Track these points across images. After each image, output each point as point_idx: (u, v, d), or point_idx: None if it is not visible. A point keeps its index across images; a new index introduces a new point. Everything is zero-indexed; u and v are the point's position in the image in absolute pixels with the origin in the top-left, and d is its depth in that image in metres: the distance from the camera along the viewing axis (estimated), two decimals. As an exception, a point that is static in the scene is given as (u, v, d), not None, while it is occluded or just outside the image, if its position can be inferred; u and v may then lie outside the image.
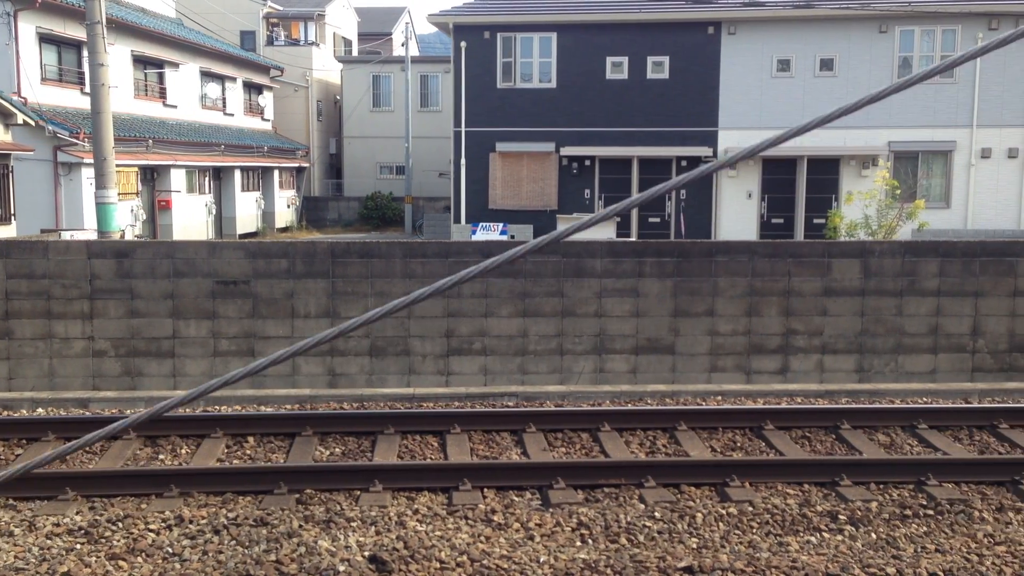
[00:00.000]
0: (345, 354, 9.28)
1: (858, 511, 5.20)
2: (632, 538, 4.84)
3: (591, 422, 6.69)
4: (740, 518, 5.12)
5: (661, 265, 9.49)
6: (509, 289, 9.40)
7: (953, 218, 22.50)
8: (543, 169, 23.58)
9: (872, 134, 22.42)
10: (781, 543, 4.85)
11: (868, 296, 9.59)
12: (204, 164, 25.69)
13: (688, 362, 9.60)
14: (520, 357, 9.48)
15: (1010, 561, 4.56)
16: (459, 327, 9.40)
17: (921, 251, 9.61)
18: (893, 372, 9.67)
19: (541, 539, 4.79)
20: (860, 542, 4.86)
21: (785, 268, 9.55)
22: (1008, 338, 9.63)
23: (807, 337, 9.62)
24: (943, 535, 4.92)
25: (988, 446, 6.53)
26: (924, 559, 4.57)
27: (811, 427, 6.76)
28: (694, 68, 22.77)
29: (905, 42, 22.12)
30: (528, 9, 23.33)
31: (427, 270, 9.31)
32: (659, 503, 5.28)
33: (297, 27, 36.46)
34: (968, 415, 6.90)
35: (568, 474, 5.56)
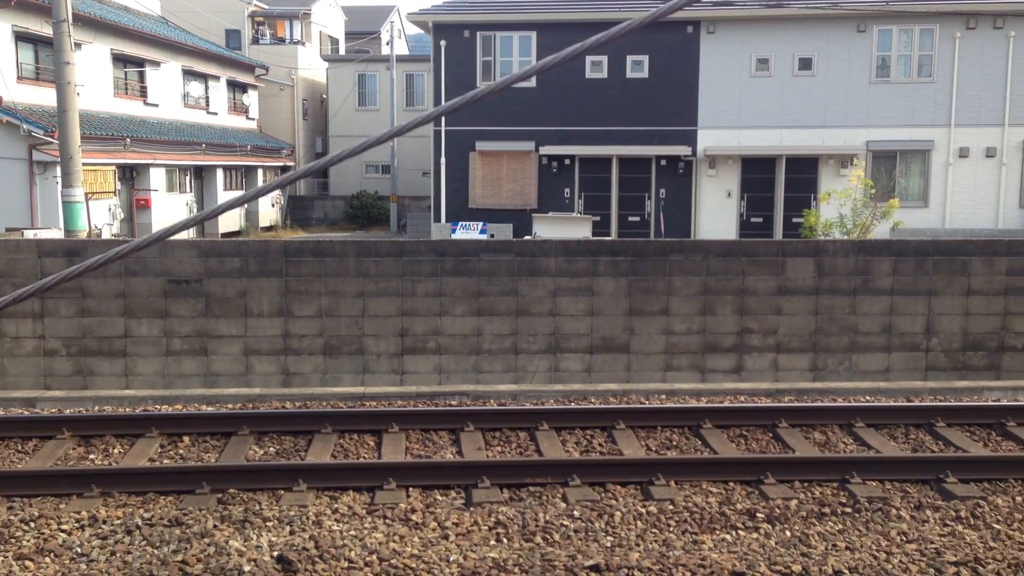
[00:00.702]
0: (299, 353, 9.28)
1: (777, 509, 5.22)
2: (547, 537, 4.86)
3: (530, 421, 6.70)
4: (659, 516, 5.14)
5: (616, 264, 9.51)
6: (463, 288, 9.41)
7: (931, 217, 22.55)
8: (523, 168, 23.58)
9: (850, 133, 22.46)
10: (696, 541, 4.86)
11: (822, 295, 9.62)
12: (185, 163, 25.66)
13: (643, 361, 9.62)
14: (474, 356, 9.49)
15: (918, 559, 4.58)
16: (413, 326, 9.41)
17: (874, 250, 9.64)
18: (847, 371, 9.70)
19: (456, 538, 4.81)
20: (774, 540, 4.88)
21: (739, 267, 9.57)
22: (961, 337, 9.67)
23: (761, 336, 9.65)
24: (856, 533, 4.94)
25: (922, 444, 6.55)
26: (832, 557, 4.59)
27: (749, 426, 6.78)
28: (674, 67, 22.80)
29: (883, 41, 22.16)
30: (508, 8, 23.34)
31: (380, 269, 9.32)
32: (580, 502, 5.30)
33: (282, 26, 36.41)
34: (906, 413, 6.93)
35: (494, 473, 5.58)
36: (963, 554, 4.61)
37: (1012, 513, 5.20)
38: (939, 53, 21.97)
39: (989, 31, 21.83)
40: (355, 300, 9.30)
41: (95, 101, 22.74)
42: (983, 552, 4.67)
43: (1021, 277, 9.61)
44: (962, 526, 5.06)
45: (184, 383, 9.06)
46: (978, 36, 21.82)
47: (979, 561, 4.53)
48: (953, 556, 4.59)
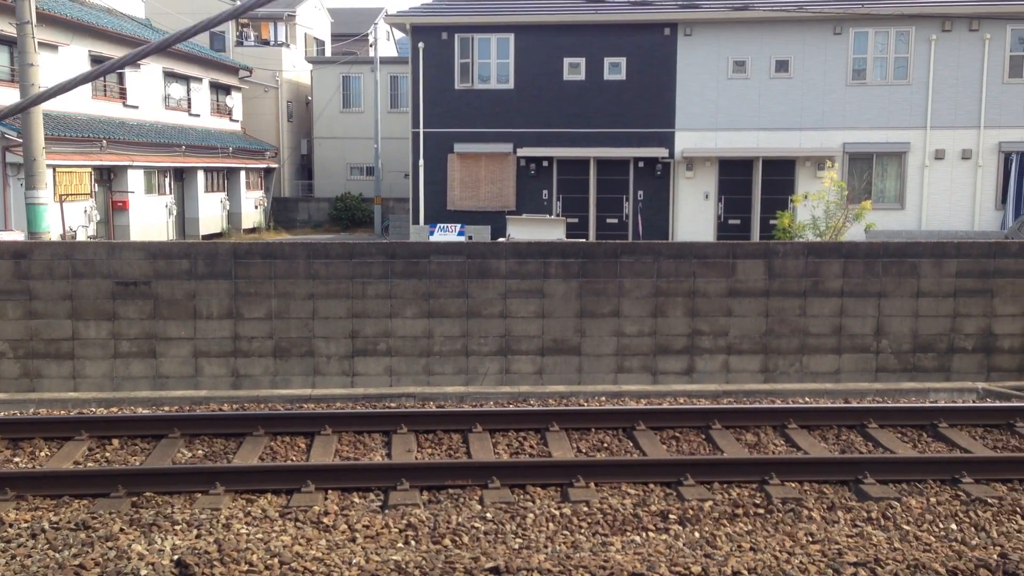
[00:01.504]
0: (249, 355, 9.28)
1: (691, 510, 5.24)
2: (456, 539, 4.87)
3: (464, 423, 6.72)
4: (572, 518, 5.15)
5: (566, 266, 9.53)
6: (414, 290, 9.42)
7: (907, 219, 22.62)
8: (501, 170, 23.61)
9: (827, 135, 22.53)
10: (605, 543, 4.88)
11: (773, 297, 9.65)
12: (164, 165, 25.63)
13: (594, 363, 9.64)
14: (425, 358, 9.50)
15: (818, 560, 4.60)
16: (364, 328, 9.42)
17: (824, 252, 9.67)
18: (798, 372, 9.73)
19: (364, 541, 4.82)
20: (682, 541, 4.90)
21: (690, 269, 9.60)
22: (911, 338, 9.70)
23: (713, 338, 9.67)
24: (764, 534, 4.96)
25: (852, 445, 6.58)
26: (734, 558, 4.61)
27: (682, 427, 6.80)
28: (651, 69, 22.84)
29: (859, 44, 22.23)
30: (486, 10, 23.36)
31: (330, 271, 9.32)
32: (496, 504, 5.31)
33: (267, 28, 36.41)
34: (840, 415, 6.95)
35: (414, 476, 5.59)
36: (864, 555, 4.63)
37: (923, 514, 5.22)
38: (915, 55, 22.05)
39: (964, 33, 21.91)
40: (305, 302, 9.31)
41: (72, 103, 22.69)
42: (887, 553, 4.69)
43: (970, 279, 9.65)
44: (872, 527, 5.08)
45: (132, 385, 9.05)
46: (953, 38, 21.91)
47: (879, 562, 4.55)
48: (854, 557, 4.61)
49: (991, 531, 5.02)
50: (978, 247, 9.70)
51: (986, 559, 4.58)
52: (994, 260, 9.64)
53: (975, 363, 9.73)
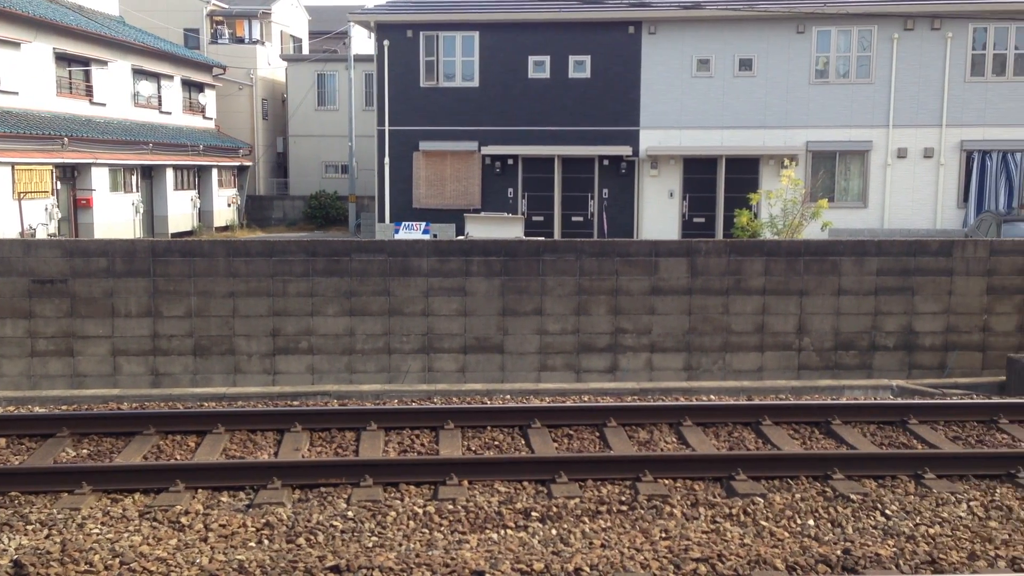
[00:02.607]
0: (168, 353, 9.28)
1: (555, 508, 5.26)
2: (311, 538, 4.87)
3: (359, 421, 6.72)
4: (434, 516, 5.16)
5: (488, 264, 9.54)
6: (335, 288, 9.43)
7: (870, 217, 22.69)
8: (466, 168, 23.60)
9: (790, 134, 22.58)
10: (460, 541, 4.89)
11: (695, 295, 9.69)
12: (131, 163, 25.54)
13: (518, 361, 9.67)
14: (348, 356, 9.51)
15: (663, 556, 4.62)
16: (285, 326, 9.42)
17: (746, 250, 9.71)
18: (721, 370, 9.77)
19: (215, 540, 4.82)
20: (537, 538, 4.91)
21: (613, 267, 9.63)
22: (833, 336, 9.75)
23: (636, 336, 9.71)
24: (620, 531, 4.98)
25: (742, 442, 6.60)
26: (581, 555, 4.63)
27: (578, 425, 6.82)
28: (615, 67, 22.85)
29: (822, 42, 22.28)
30: (450, 8, 23.34)
31: (251, 269, 9.32)
32: (362, 502, 5.32)
33: (241, 25, 36.29)
34: (735, 412, 6.97)
35: (287, 474, 5.59)
36: (709, 551, 4.66)
37: (784, 510, 5.25)
38: (877, 54, 22.11)
39: (927, 32, 21.98)
40: (225, 300, 9.30)
41: (35, 100, 22.62)
42: (735, 549, 4.72)
43: (891, 277, 9.70)
44: (730, 523, 5.10)
45: (50, 384, 9.04)
46: (916, 37, 21.97)
47: (721, 557, 4.57)
48: (699, 553, 4.63)
49: (847, 527, 5.05)
50: (898, 245, 9.76)
51: (828, 555, 4.61)
52: (914, 258, 9.69)
53: (896, 361, 9.79)
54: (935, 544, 4.78)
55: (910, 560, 4.59)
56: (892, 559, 4.59)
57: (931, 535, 4.91)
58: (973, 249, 9.67)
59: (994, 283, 9.69)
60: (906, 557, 4.61)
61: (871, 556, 4.62)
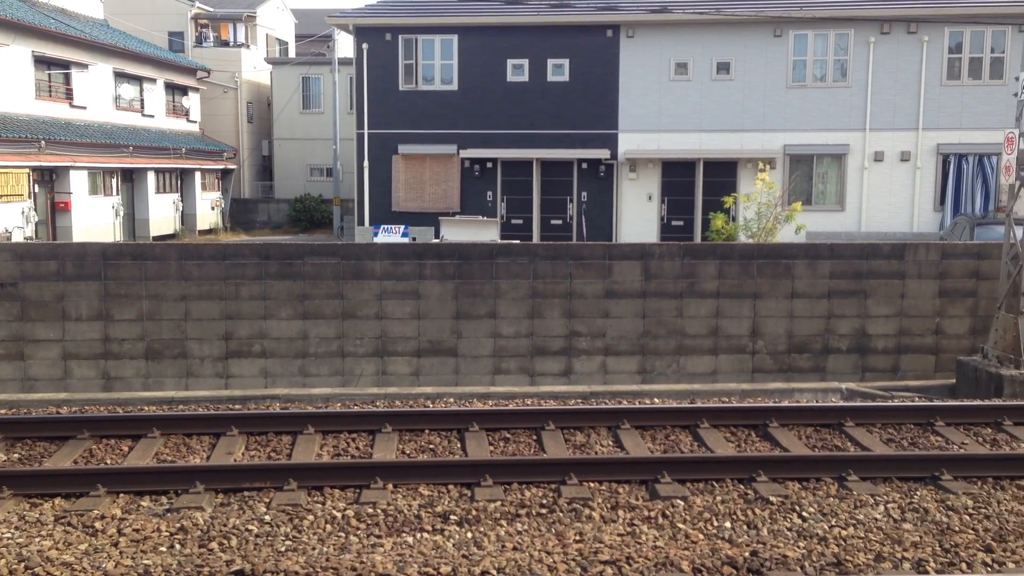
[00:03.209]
0: (120, 357, 9.27)
1: (474, 511, 5.27)
2: (224, 543, 4.87)
3: (296, 425, 6.72)
4: (352, 520, 5.17)
5: (442, 267, 9.56)
6: (288, 291, 9.43)
7: (847, 221, 22.75)
8: (446, 171, 23.62)
9: (768, 137, 22.65)
10: (375, 544, 4.90)
11: (649, 298, 9.71)
12: (111, 166, 25.52)
13: (472, 364, 9.67)
14: (301, 359, 9.51)
15: (572, 559, 4.62)
16: (238, 329, 9.42)
17: (700, 253, 9.74)
18: (675, 373, 9.79)
19: (126, 545, 4.82)
20: (452, 542, 4.92)
21: (567, 270, 9.64)
22: (787, 339, 9.78)
23: (590, 339, 9.72)
24: (535, 534, 4.99)
25: (677, 445, 6.61)
26: (490, 558, 4.63)
27: (515, 428, 6.82)
28: (594, 71, 22.91)
29: (799, 46, 22.36)
30: (429, 11, 23.38)
31: (203, 272, 9.32)
32: (282, 506, 5.32)
33: (226, 28, 36.30)
34: (674, 415, 6.99)
35: (210, 478, 5.59)
36: (619, 553, 4.67)
37: (703, 513, 5.26)
38: (854, 58, 22.19)
39: (903, 36, 22.07)
40: (177, 303, 9.30)
41: (13, 104, 22.59)
42: (646, 551, 4.73)
43: (844, 280, 9.73)
44: (647, 526, 5.12)
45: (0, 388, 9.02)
46: (892, 41, 22.06)
47: (629, 559, 4.58)
48: (608, 555, 4.64)
49: (762, 529, 5.06)
50: (851, 248, 9.79)
51: (736, 556, 4.63)
52: (867, 261, 9.73)
53: (850, 363, 9.82)
54: (845, 546, 4.80)
55: (816, 562, 4.60)
56: (798, 560, 4.61)
57: (843, 537, 4.93)
58: (925, 252, 9.71)
59: (947, 286, 9.72)
60: (812, 559, 4.63)
61: (778, 558, 4.63)
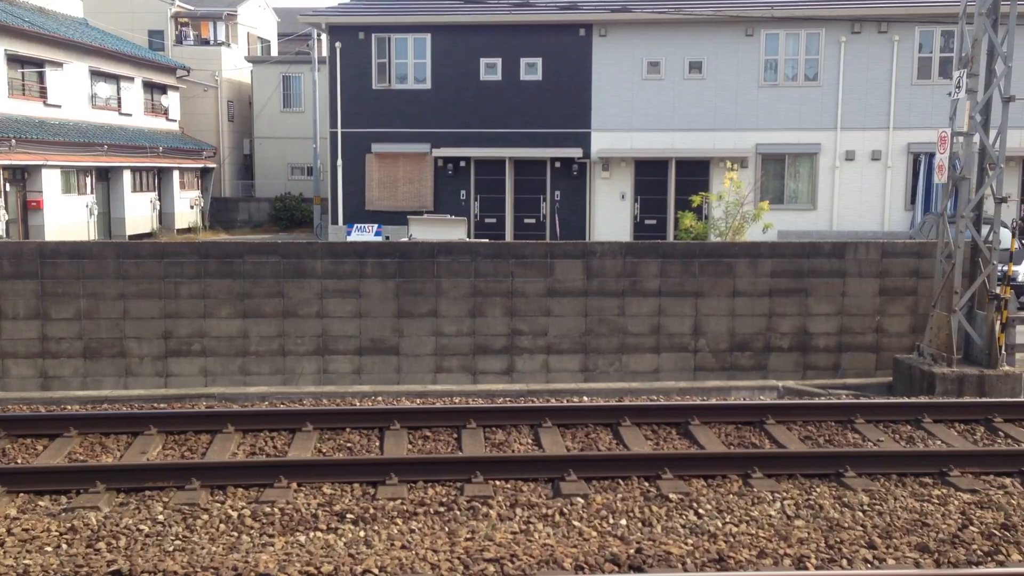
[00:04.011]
0: (58, 356, 9.24)
1: (372, 510, 5.27)
2: (112, 543, 4.87)
3: (215, 424, 6.72)
4: (247, 519, 5.17)
5: (383, 266, 9.55)
6: (228, 290, 9.42)
7: (819, 220, 22.80)
8: (419, 170, 23.60)
9: (740, 136, 22.68)
10: (266, 544, 4.90)
11: (591, 297, 9.72)
12: (85, 164, 25.44)
13: (414, 363, 9.67)
14: (242, 358, 9.50)
15: (458, 557, 4.62)
16: (177, 328, 9.40)
17: (641, 252, 9.75)
18: (618, 371, 9.81)
19: (13, 545, 4.81)
20: (343, 540, 4.92)
21: (508, 269, 9.65)
22: (728, 337, 9.80)
23: (532, 337, 9.73)
24: (427, 532, 5.00)
25: (596, 443, 6.62)
26: (376, 556, 4.63)
27: (437, 427, 6.83)
28: (567, 70, 22.91)
29: (771, 45, 22.39)
30: (402, 10, 23.35)
31: (142, 270, 9.30)
32: (179, 505, 5.32)
33: (207, 27, 36.20)
34: (596, 413, 7.00)
35: (112, 477, 5.58)
36: (506, 552, 4.67)
37: (600, 510, 5.27)
38: (825, 57, 22.24)
39: (874, 35, 22.12)
40: (116, 302, 9.28)
41: (-16, 102, 22.52)
42: (534, 549, 4.73)
43: (785, 279, 9.76)
44: (543, 523, 5.13)
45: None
46: (863, 40, 22.11)
47: (513, 557, 4.59)
48: (494, 554, 4.65)
49: (656, 526, 5.08)
50: (791, 247, 9.82)
51: (620, 554, 4.64)
52: (808, 260, 9.75)
53: (791, 362, 9.85)
54: (732, 543, 4.82)
55: (699, 558, 4.62)
56: (681, 557, 4.62)
57: (733, 534, 4.94)
58: (866, 251, 9.74)
59: (887, 285, 9.76)
60: (696, 556, 4.65)
61: (662, 554, 4.65)
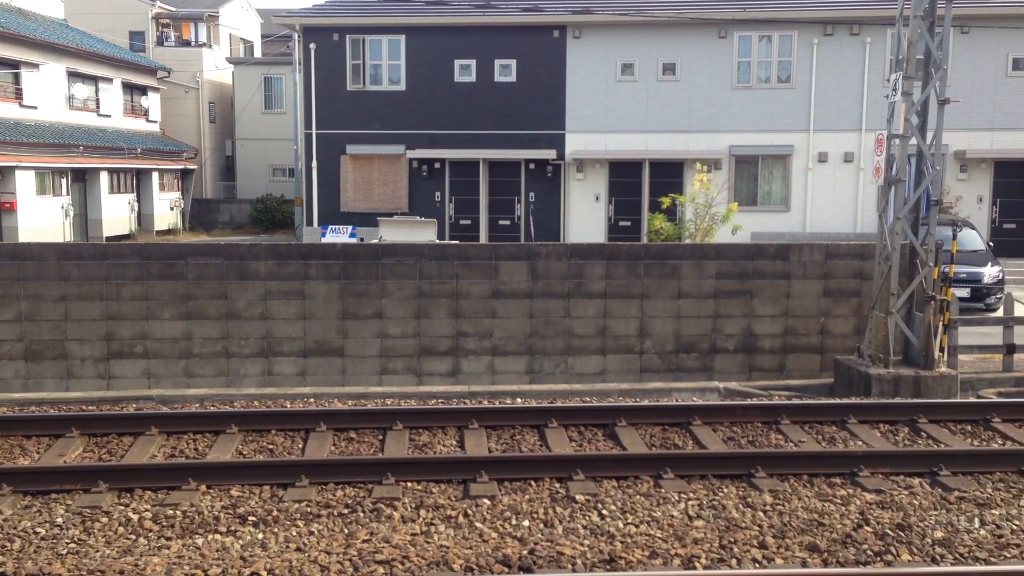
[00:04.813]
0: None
1: (276, 512, 5.26)
2: (6, 545, 4.85)
3: (139, 426, 6.71)
4: (146, 522, 5.16)
5: (327, 267, 9.55)
6: (171, 291, 9.40)
7: (792, 221, 22.86)
8: (394, 171, 23.60)
9: (714, 138, 22.73)
10: (162, 547, 4.89)
11: (537, 298, 9.73)
12: (61, 166, 25.38)
13: (359, 364, 9.67)
14: (185, 360, 9.48)
15: (350, 559, 4.60)
16: (120, 330, 9.38)
17: (586, 254, 9.76)
18: (564, 373, 9.81)
19: (-90, 545, 4.80)
20: (240, 543, 4.91)
21: (453, 271, 9.65)
22: (674, 339, 9.82)
23: (478, 339, 9.73)
24: (326, 534, 4.99)
25: (519, 444, 6.62)
26: (268, 559, 4.63)
27: (363, 429, 6.83)
28: (541, 71, 22.93)
29: (744, 47, 22.45)
30: (376, 11, 23.35)
31: (83, 272, 9.28)
32: (80, 508, 5.31)
33: (188, 28, 36.14)
34: (523, 415, 6.99)
35: (17, 480, 5.56)
36: (400, 553, 4.67)
37: (504, 512, 5.27)
38: (798, 59, 22.30)
39: (846, 37, 22.19)
40: (57, 304, 9.26)
41: (-43, 103, 22.44)
42: (430, 550, 4.74)
43: (730, 280, 9.78)
44: (445, 525, 5.12)
45: None
46: (835, 42, 22.18)
47: (405, 559, 4.59)
48: (386, 555, 4.65)
49: (557, 527, 5.08)
50: (737, 249, 9.84)
51: (512, 555, 4.64)
52: (752, 262, 9.78)
53: (737, 363, 9.87)
54: (627, 543, 4.82)
55: (590, 559, 4.63)
56: (572, 558, 4.63)
57: (631, 534, 4.95)
58: (810, 253, 9.77)
59: (831, 286, 9.79)
60: (587, 556, 4.65)
61: (554, 556, 4.65)
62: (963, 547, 4.70)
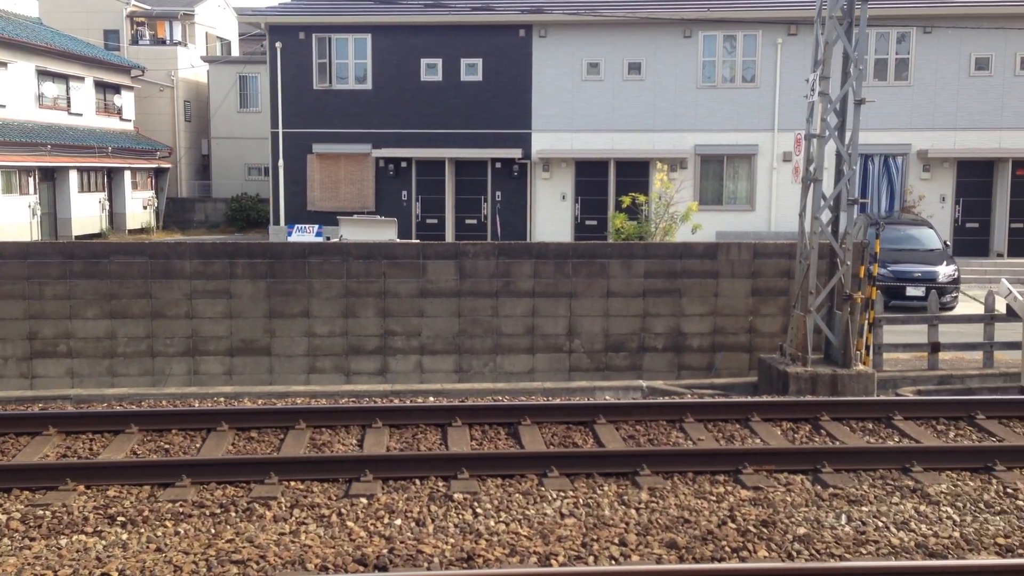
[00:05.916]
0: (-81, 357, 9.15)
1: (146, 512, 5.23)
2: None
3: (35, 426, 6.67)
4: (16, 522, 5.12)
5: (253, 266, 9.52)
6: (95, 290, 9.36)
7: (757, 220, 22.91)
8: (360, 170, 23.56)
9: (679, 137, 22.76)
10: (23, 548, 4.85)
11: (464, 297, 9.72)
12: (28, 164, 25.25)
13: (286, 363, 9.64)
14: (109, 359, 9.44)
15: (206, 558, 4.60)
16: (43, 329, 9.33)
17: (514, 253, 9.76)
18: (492, 372, 9.80)
19: None
20: (101, 544, 4.88)
21: (380, 270, 9.64)
22: (603, 338, 9.82)
23: (406, 338, 9.72)
24: (191, 534, 4.96)
25: (421, 443, 6.60)
26: (121, 560, 4.60)
27: (265, 428, 6.79)
28: (507, 70, 22.93)
29: (708, 47, 22.49)
30: (342, 10, 23.30)
31: (4, 271, 9.24)
32: None
33: (163, 26, 36.00)
34: (427, 414, 6.96)
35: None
36: (258, 553, 4.66)
37: (379, 511, 5.25)
38: (762, 59, 22.35)
39: (810, 37, 22.04)
40: (-21, 303, 9.20)
41: (-81, 101, 22.29)
42: (293, 549, 4.72)
43: (659, 279, 9.79)
44: (316, 525, 5.10)
45: None
46: (799, 42, 22.22)
47: (262, 559, 4.58)
48: (244, 555, 4.63)
49: (428, 526, 5.06)
50: (665, 248, 9.85)
51: (369, 554, 4.63)
52: (681, 261, 9.79)
53: (666, 362, 9.88)
54: (492, 542, 4.82)
55: (448, 557, 4.62)
56: (430, 557, 4.62)
57: (498, 532, 4.94)
58: (738, 252, 9.79)
59: (759, 285, 9.80)
60: (446, 555, 4.64)
61: (412, 554, 4.64)
62: (821, 543, 4.71)
